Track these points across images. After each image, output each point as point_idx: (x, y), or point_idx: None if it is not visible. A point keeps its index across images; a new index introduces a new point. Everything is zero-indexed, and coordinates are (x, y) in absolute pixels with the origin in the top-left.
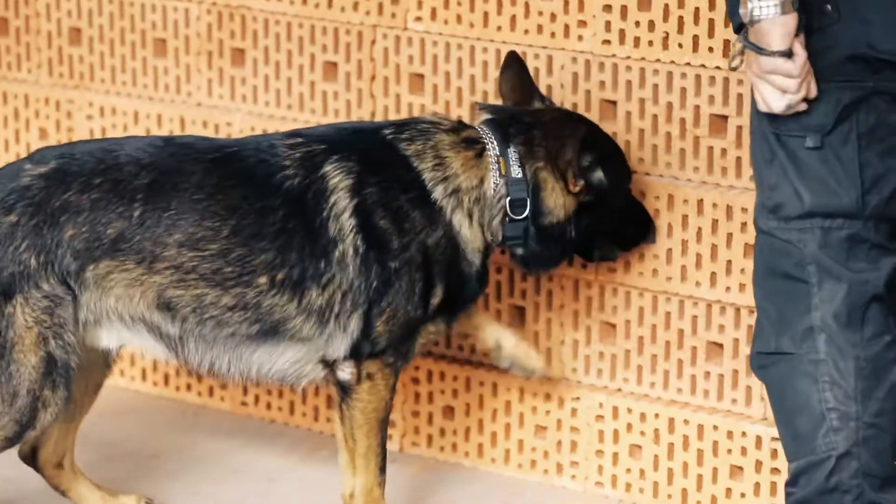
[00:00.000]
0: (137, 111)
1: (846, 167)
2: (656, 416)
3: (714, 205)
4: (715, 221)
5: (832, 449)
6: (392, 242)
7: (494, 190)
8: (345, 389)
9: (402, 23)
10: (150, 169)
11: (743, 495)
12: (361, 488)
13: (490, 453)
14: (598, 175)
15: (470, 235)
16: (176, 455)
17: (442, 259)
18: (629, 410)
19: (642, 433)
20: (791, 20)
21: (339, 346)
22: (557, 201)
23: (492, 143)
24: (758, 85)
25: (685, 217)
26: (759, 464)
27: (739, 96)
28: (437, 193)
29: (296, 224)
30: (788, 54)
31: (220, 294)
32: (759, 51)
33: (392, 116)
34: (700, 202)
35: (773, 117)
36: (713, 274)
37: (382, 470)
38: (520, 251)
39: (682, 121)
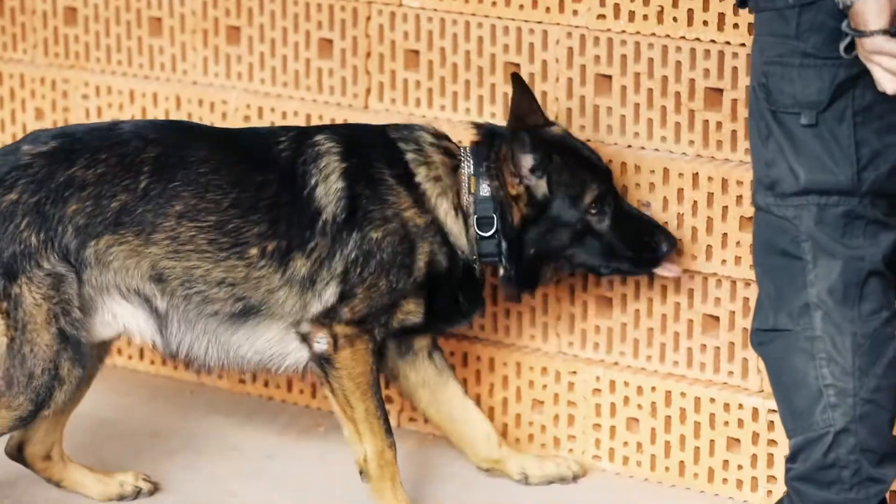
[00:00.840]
0: (133, 90)
1: (842, 144)
2: (653, 389)
3: (709, 178)
4: (710, 195)
5: (830, 425)
6: (375, 212)
7: (465, 207)
8: (327, 360)
9: None
10: (157, 143)
11: (740, 467)
12: (372, 451)
13: None
14: (541, 181)
15: (456, 229)
16: (174, 433)
17: (427, 237)
18: (626, 384)
19: (639, 406)
20: None
21: (313, 311)
22: (517, 215)
23: (468, 160)
24: (870, 67)
25: (680, 191)
26: (756, 436)
27: (734, 69)
28: (420, 177)
29: (288, 195)
30: (890, 33)
31: (210, 267)
32: (860, 34)
33: (387, 93)
34: (695, 175)
35: (769, 95)
36: (709, 247)
37: (389, 432)
38: (501, 271)
39: (678, 94)
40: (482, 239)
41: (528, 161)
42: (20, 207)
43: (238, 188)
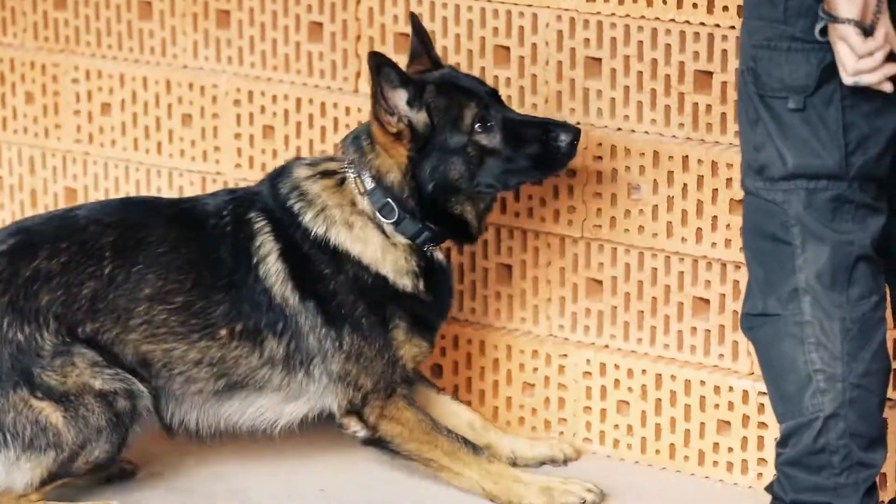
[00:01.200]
0: (123, 74)
1: (829, 128)
2: (643, 372)
3: (699, 161)
4: (700, 177)
5: (819, 410)
6: (319, 285)
7: (365, 208)
8: (378, 441)
9: None
10: (114, 226)
11: (730, 450)
12: (479, 475)
13: (478, 411)
14: (421, 113)
15: (374, 242)
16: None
17: (367, 285)
18: (616, 367)
19: (629, 389)
20: None
21: (322, 397)
22: (400, 179)
23: (351, 168)
24: (835, 54)
25: (671, 173)
26: (746, 418)
27: (724, 52)
28: (311, 223)
29: (241, 274)
30: (862, 25)
31: (186, 349)
32: (832, 19)
33: None
34: (685, 158)
35: (757, 78)
36: (699, 230)
37: (475, 449)
38: (436, 240)
39: (667, 77)
40: (397, 225)
41: (402, 95)
42: None
43: (197, 268)
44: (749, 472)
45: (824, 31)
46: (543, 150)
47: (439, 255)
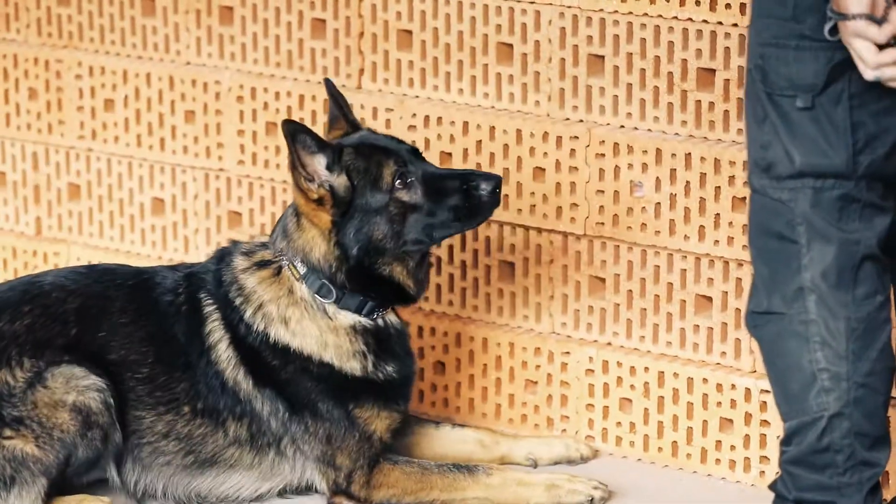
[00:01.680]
0: (126, 70)
1: (837, 127)
2: (646, 369)
3: (702, 158)
4: (703, 175)
5: (824, 409)
6: (271, 373)
7: (304, 294)
8: None
9: None
10: (78, 294)
11: (733, 448)
12: (483, 495)
13: (481, 408)
14: (341, 177)
15: (309, 346)
16: None
17: (315, 375)
18: (619, 364)
19: (632, 387)
20: None
21: (302, 474)
22: (326, 249)
23: (283, 257)
24: (851, 52)
25: (673, 171)
26: (748, 416)
27: (727, 50)
28: (251, 317)
29: (195, 355)
30: (874, 19)
31: (154, 419)
32: (842, 17)
33: (380, 73)
34: (688, 156)
35: (765, 76)
36: (701, 227)
37: (469, 470)
38: (383, 305)
39: (670, 75)
40: (338, 302)
41: (320, 160)
42: None
43: (156, 343)
44: (752, 469)
45: (834, 30)
46: (466, 201)
47: (393, 319)
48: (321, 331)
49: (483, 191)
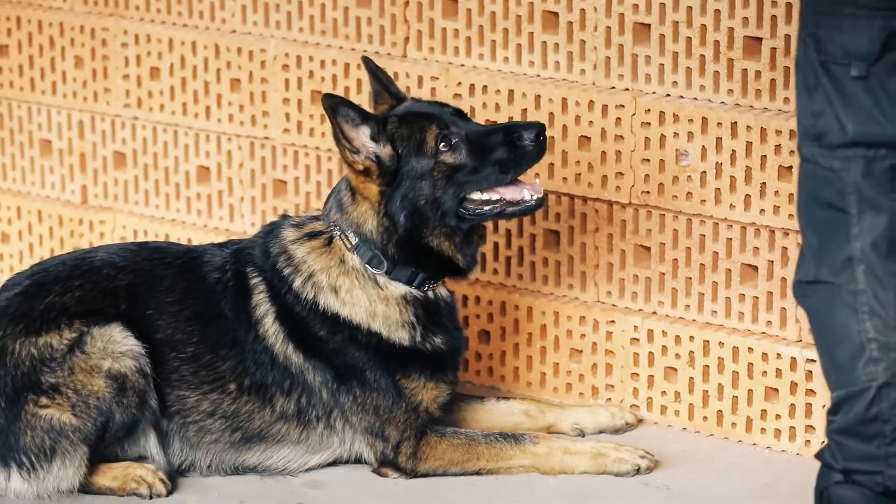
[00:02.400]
0: (172, 38)
1: (892, 97)
2: (691, 338)
3: (748, 127)
4: (749, 144)
5: (872, 379)
6: (319, 345)
7: (355, 264)
8: (421, 476)
9: None
10: (127, 271)
11: (778, 417)
12: (531, 463)
13: (526, 377)
14: (387, 147)
15: (359, 315)
16: None
17: (363, 344)
18: (664, 333)
19: (677, 356)
20: None
21: (351, 447)
22: (376, 221)
23: (336, 227)
24: None
25: (719, 140)
26: (794, 385)
27: (773, 18)
28: (301, 287)
29: (243, 332)
30: None
31: (199, 398)
32: None
33: (426, 41)
34: (734, 125)
35: (818, 44)
36: (747, 196)
37: (515, 439)
38: (433, 278)
39: (716, 43)
40: (389, 274)
41: (365, 132)
42: (8, 339)
43: (202, 321)
44: (797, 439)
45: None
46: (512, 153)
47: (443, 292)
48: (371, 300)
49: (527, 140)
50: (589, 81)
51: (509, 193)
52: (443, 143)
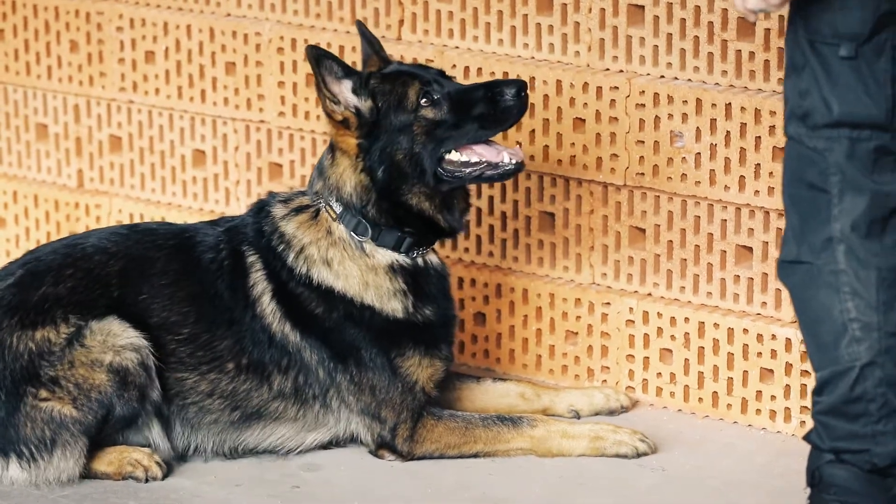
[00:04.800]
0: (167, 22)
1: (878, 79)
2: (686, 320)
3: (742, 108)
4: (743, 125)
5: (856, 359)
6: (316, 321)
7: (342, 234)
8: (418, 458)
9: None
10: (119, 256)
11: (773, 398)
12: (528, 445)
13: (521, 359)
14: (368, 101)
15: (352, 288)
16: None
17: (358, 319)
18: (659, 315)
19: (672, 337)
20: None
21: (347, 426)
22: (355, 180)
23: (320, 199)
24: None
25: (713, 121)
26: (788, 367)
27: None
28: (295, 262)
29: (240, 310)
30: None
31: (197, 379)
32: None
33: (420, 24)
34: (728, 106)
35: (808, 23)
36: (741, 177)
37: (515, 422)
38: (421, 243)
39: (710, 24)
40: (376, 240)
41: (347, 85)
42: (5, 332)
43: (198, 302)
44: (792, 420)
45: None
46: (492, 108)
47: (433, 259)
48: (361, 271)
49: (507, 96)
50: (583, 63)
51: (488, 155)
52: (424, 99)
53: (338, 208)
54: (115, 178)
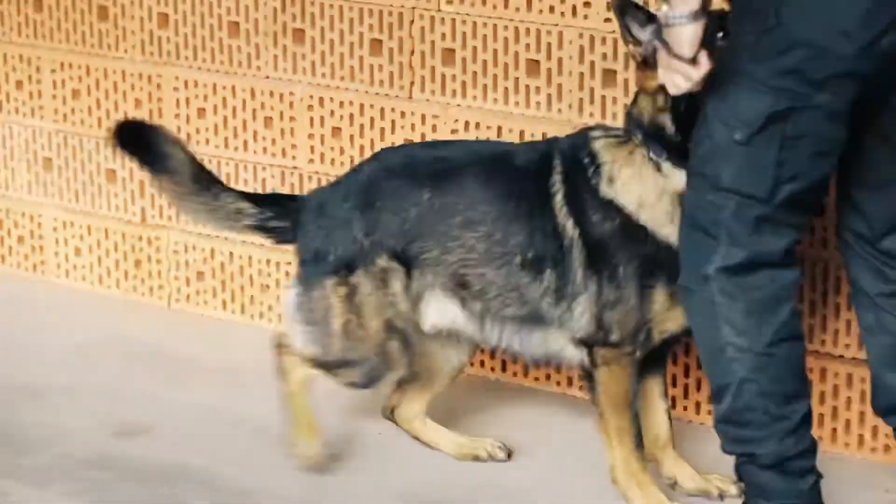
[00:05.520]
0: (216, 84)
1: (765, 164)
2: None
3: None
4: None
5: (735, 375)
6: (590, 229)
7: (642, 156)
8: (589, 376)
9: (436, 5)
10: (441, 161)
11: None
12: (620, 461)
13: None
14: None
15: (629, 200)
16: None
17: (630, 236)
18: None
19: None
20: (699, 28)
21: (572, 329)
22: (654, 113)
23: (637, 138)
24: (666, 72)
25: None
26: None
27: None
28: (605, 185)
29: (539, 209)
30: (695, 61)
31: (494, 274)
32: (670, 50)
33: (428, 85)
34: None
35: (716, 102)
36: None
37: (638, 446)
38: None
39: None
40: (679, 148)
41: (650, 30)
42: (353, 214)
43: (501, 200)
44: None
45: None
46: None
47: None
48: (646, 191)
49: None
50: (565, 119)
51: None
52: (720, 33)
53: (640, 135)
54: (173, 216)
